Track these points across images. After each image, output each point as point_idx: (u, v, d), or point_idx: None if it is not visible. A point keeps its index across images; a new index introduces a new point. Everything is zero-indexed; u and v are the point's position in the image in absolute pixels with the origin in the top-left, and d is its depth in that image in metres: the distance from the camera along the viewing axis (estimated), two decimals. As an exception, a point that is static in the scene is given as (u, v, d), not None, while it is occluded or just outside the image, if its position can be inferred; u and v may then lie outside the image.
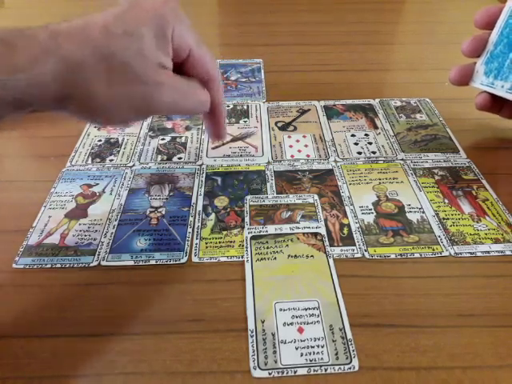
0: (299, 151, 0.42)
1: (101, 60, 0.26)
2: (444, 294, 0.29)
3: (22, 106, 0.25)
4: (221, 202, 0.36)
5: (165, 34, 0.28)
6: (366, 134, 0.44)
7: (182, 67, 0.30)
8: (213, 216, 0.35)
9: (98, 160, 0.41)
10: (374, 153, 0.42)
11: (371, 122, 0.46)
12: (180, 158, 0.41)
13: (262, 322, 0.27)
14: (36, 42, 0.25)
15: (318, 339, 0.26)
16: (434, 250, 0.32)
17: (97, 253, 0.32)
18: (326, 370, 0.25)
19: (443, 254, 0.32)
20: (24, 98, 0.24)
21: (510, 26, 0.38)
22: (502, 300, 0.29)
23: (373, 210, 0.35)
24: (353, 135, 0.44)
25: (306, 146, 0.43)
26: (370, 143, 0.43)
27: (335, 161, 0.41)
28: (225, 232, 0.33)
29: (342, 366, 0.25)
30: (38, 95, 0.25)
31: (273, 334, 0.27)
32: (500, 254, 0.32)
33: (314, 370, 0.25)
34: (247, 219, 0.34)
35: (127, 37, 0.26)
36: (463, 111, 0.46)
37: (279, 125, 0.46)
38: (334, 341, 0.26)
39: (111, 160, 0.41)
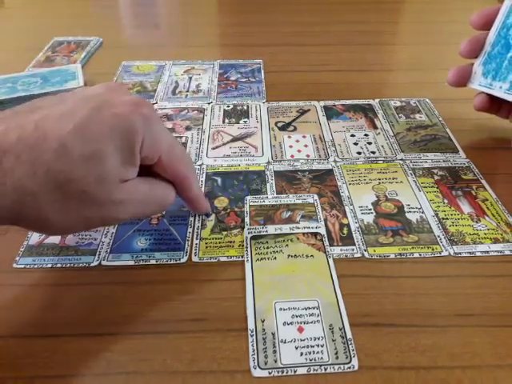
0: (299, 151, 0.42)
1: (55, 188, 0.23)
2: (443, 294, 0.29)
3: None
4: (220, 202, 0.36)
5: (132, 148, 0.25)
6: (366, 134, 0.44)
7: (151, 167, 0.28)
8: (213, 217, 0.35)
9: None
10: (373, 153, 0.42)
11: (371, 122, 0.46)
12: (180, 158, 0.41)
13: (262, 322, 0.27)
14: None
15: (318, 339, 0.26)
16: (433, 249, 0.32)
17: (97, 252, 0.32)
18: (325, 369, 0.25)
19: (442, 254, 0.32)
20: None
21: (508, 27, 0.38)
22: (502, 300, 0.29)
23: (372, 210, 0.35)
24: (352, 135, 0.44)
25: (305, 146, 0.43)
26: (370, 143, 0.43)
27: (335, 161, 0.41)
28: (225, 232, 0.34)
29: (341, 366, 0.25)
30: None
31: (273, 334, 0.27)
32: (499, 253, 0.32)
33: (314, 370, 0.25)
34: (247, 219, 0.34)
35: (86, 161, 0.23)
36: (463, 111, 0.46)
37: (279, 125, 0.46)
38: (333, 340, 0.26)
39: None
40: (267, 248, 0.32)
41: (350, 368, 0.25)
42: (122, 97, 0.26)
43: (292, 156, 0.41)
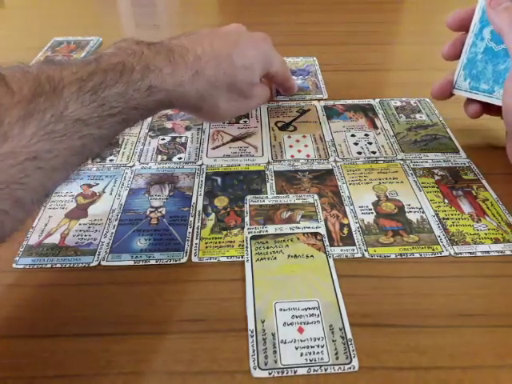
0: (299, 151, 0.42)
1: (226, 85, 0.36)
2: (444, 294, 0.29)
3: (170, 106, 0.34)
4: (221, 202, 0.36)
5: (267, 69, 0.41)
6: (366, 134, 0.44)
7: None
8: (213, 216, 0.35)
9: (98, 160, 0.41)
10: (373, 153, 0.42)
11: (371, 122, 0.46)
12: (180, 158, 0.41)
13: (262, 322, 0.27)
14: (188, 63, 0.33)
15: (318, 339, 0.26)
16: (433, 249, 0.32)
17: (97, 253, 0.32)
18: (325, 369, 0.25)
19: (443, 254, 0.32)
20: (175, 102, 0.33)
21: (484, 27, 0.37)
22: (502, 300, 0.29)
23: (373, 210, 0.35)
24: (353, 135, 0.44)
25: (305, 146, 0.43)
26: (370, 143, 0.43)
27: (335, 161, 0.41)
28: (225, 232, 0.33)
29: (341, 366, 0.25)
30: (184, 102, 0.34)
31: (273, 334, 0.27)
32: (500, 253, 0.32)
33: (314, 370, 0.25)
34: (247, 219, 0.34)
35: (245, 70, 0.37)
36: (463, 111, 0.46)
37: (279, 125, 0.46)
38: (333, 341, 0.26)
39: (111, 160, 0.41)
40: (267, 248, 0.32)
41: (350, 368, 0.25)
42: (251, 33, 0.41)
43: (292, 156, 0.41)
